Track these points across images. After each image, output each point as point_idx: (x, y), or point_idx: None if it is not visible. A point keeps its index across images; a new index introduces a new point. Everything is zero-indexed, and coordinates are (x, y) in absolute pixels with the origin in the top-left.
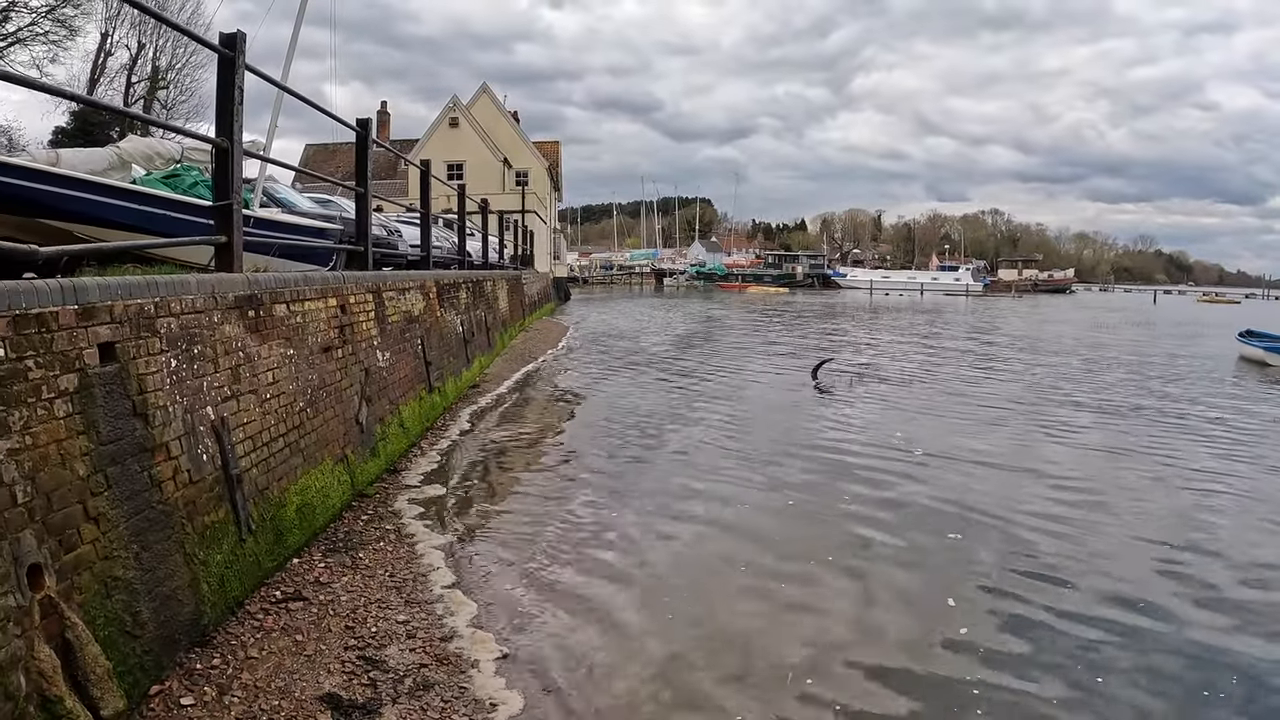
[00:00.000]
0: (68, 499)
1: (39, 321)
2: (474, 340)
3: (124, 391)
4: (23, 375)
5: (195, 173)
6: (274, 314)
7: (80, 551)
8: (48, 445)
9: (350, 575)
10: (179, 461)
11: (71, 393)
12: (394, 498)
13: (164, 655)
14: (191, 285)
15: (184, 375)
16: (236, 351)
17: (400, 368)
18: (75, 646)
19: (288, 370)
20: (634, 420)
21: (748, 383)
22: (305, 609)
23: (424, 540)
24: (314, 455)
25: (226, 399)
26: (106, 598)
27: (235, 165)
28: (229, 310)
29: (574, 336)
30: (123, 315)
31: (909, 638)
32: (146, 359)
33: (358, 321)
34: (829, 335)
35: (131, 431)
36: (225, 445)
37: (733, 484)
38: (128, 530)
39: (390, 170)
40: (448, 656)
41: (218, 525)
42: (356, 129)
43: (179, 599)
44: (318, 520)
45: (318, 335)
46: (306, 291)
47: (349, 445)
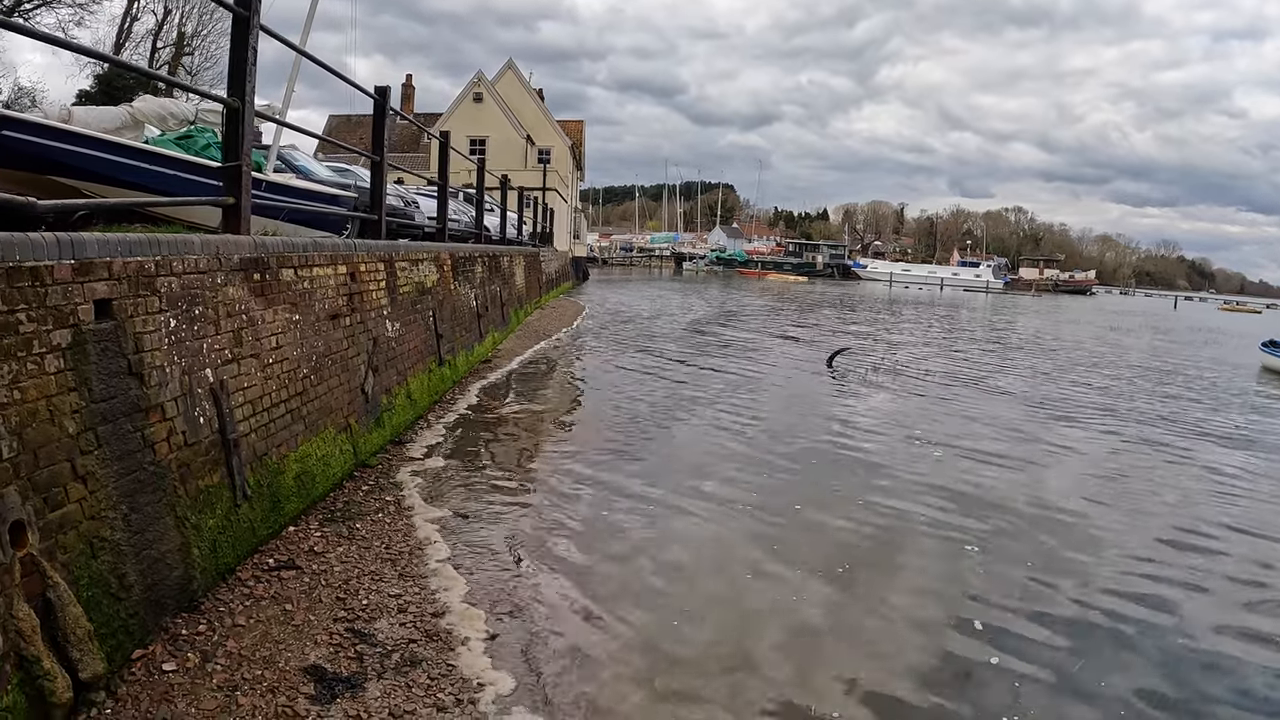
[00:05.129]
0: (55, 456)
1: (33, 275)
2: (488, 315)
3: (119, 350)
4: (13, 329)
5: (209, 134)
6: (281, 278)
7: (66, 510)
8: (36, 401)
9: (346, 546)
10: (174, 423)
11: (64, 349)
12: (396, 469)
13: (149, 619)
14: (195, 245)
15: (183, 336)
16: (240, 314)
17: (410, 339)
18: (56, 606)
19: (292, 336)
20: (645, 402)
21: (763, 369)
22: (297, 578)
23: (422, 513)
24: (316, 423)
25: (227, 362)
26: (92, 558)
27: (246, 126)
28: (233, 272)
29: (590, 316)
30: (121, 272)
31: (915, 642)
32: (144, 318)
33: (367, 290)
34: (847, 325)
35: (125, 391)
36: (223, 409)
37: (741, 472)
38: (117, 491)
39: (413, 144)
40: (438, 633)
41: (212, 490)
42: (374, 96)
43: (168, 562)
44: (317, 489)
45: (325, 302)
46: (315, 257)
47: (353, 414)
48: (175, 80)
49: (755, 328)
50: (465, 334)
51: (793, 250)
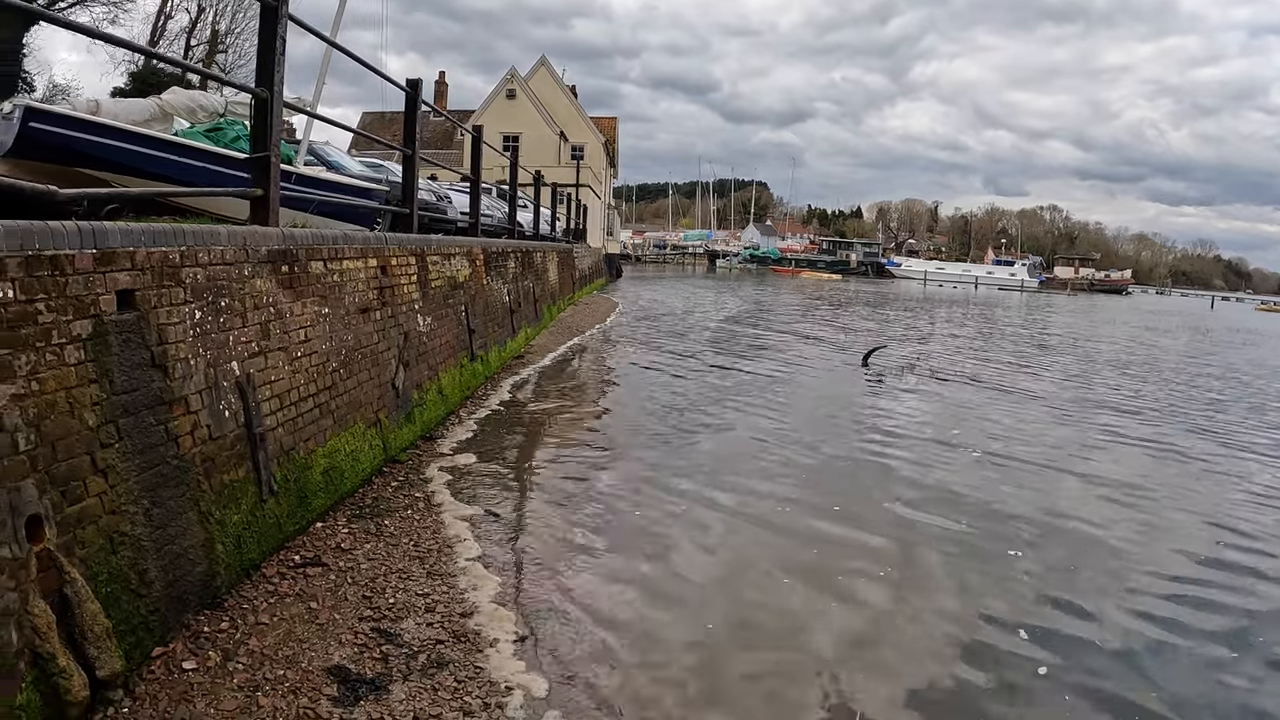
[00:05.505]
0: (74, 449)
1: (53, 264)
2: (520, 311)
3: (142, 341)
4: (32, 318)
5: (239, 126)
6: (310, 271)
7: (85, 504)
8: (56, 392)
9: (374, 543)
10: (198, 417)
11: (85, 339)
12: (426, 465)
13: (170, 616)
14: (221, 236)
15: (209, 328)
16: (267, 307)
17: (442, 334)
18: (73, 603)
19: (321, 329)
20: (678, 400)
21: (797, 367)
22: (323, 575)
23: (452, 510)
24: (345, 418)
25: (254, 355)
26: (111, 553)
27: (274, 116)
28: (261, 264)
29: (623, 312)
30: (145, 263)
31: (959, 650)
32: (168, 309)
33: (399, 284)
34: (881, 323)
35: (148, 383)
36: (249, 402)
37: (776, 471)
38: (138, 485)
39: (446, 140)
40: (466, 634)
41: (237, 484)
42: (405, 89)
43: (190, 558)
44: (345, 484)
45: (355, 295)
46: (346, 250)
47: (383, 409)
48: (205, 70)
49: (789, 325)
50: (498, 329)
51: (826, 248)
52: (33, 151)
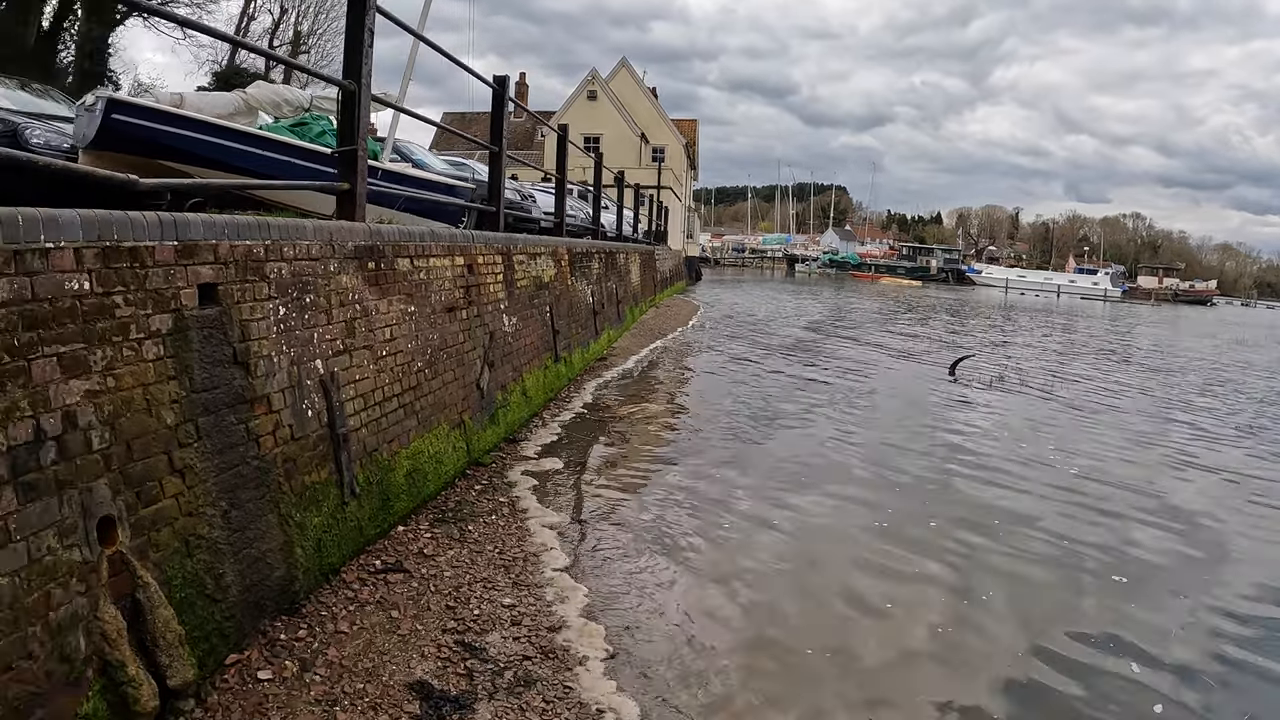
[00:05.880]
0: (151, 449)
1: (132, 256)
2: (604, 312)
3: (224, 337)
4: (109, 312)
5: (324, 121)
6: (396, 268)
7: (161, 506)
8: (132, 389)
9: (457, 549)
10: (280, 416)
11: (164, 335)
12: (510, 468)
13: (246, 622)
14: (307, 230)
15: (293, 325)
16: (353, 304)
17: (526, 334)
18: (145, 608)
19: (407, 328)
20: (764, 407)
21: (882, 375)
22: (405, 582)
23: (537, 517)
24: (430, 419)
25: (338, 353)
26: (187, 557)
27: (362, 109)
28: (347, 260)
29: (705, 316)
30: (228, 256)
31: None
32: (252, 304)
33: (485, 283)
34: (964, 332)
35: (230, 381)
36: (333, 402)
37: (868, 484)
38: (217, 486)
39: (526, 141)
40: (554, 650)
41: (319, 486)
42: (493, 85)
43: (269, 562)
44: (428, 487)
45: (441, 294)
46: (432, 247)
47: (467, 410)
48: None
49: (871, 333)
50: (581, 330)
51: (906, 254)
52: (115, 144)
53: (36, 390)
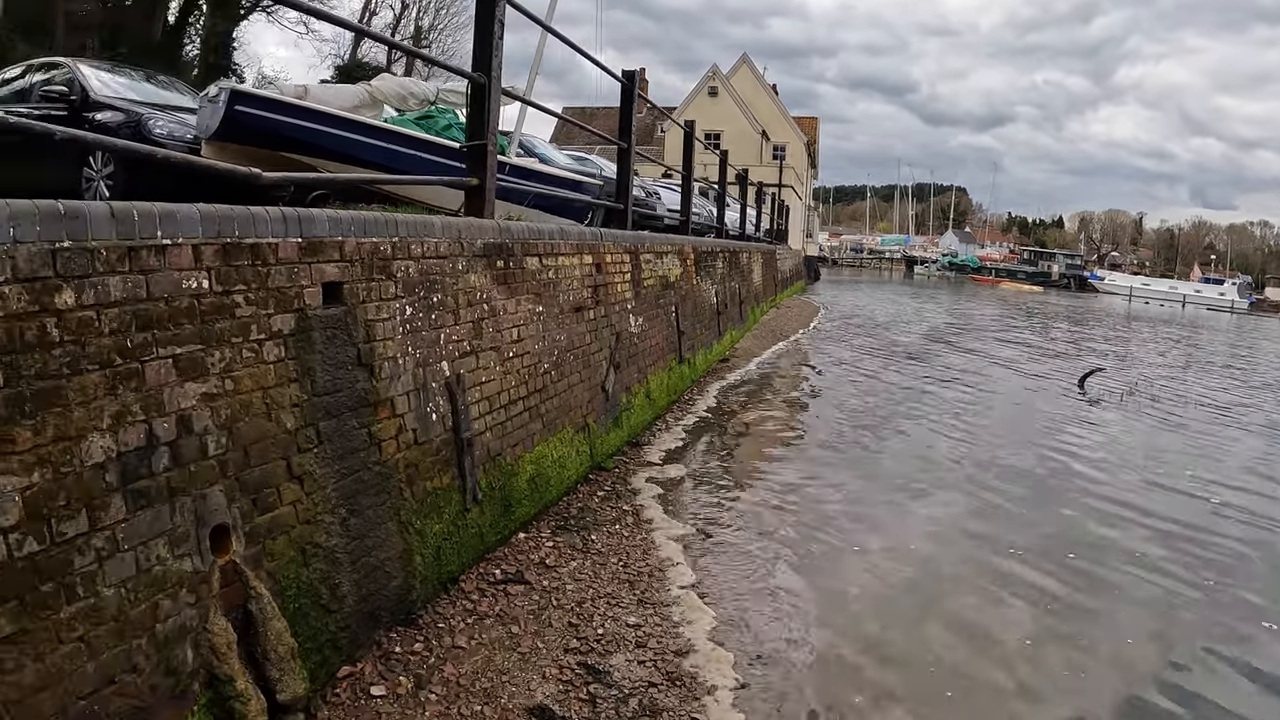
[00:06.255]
0: (269, 454)
1: (253, 253)
2: (727, 312)
3: (348, 338)
4: (228, 312)
5: (450, 115)
6: (525, 266)
7: (277, 513)
8: (251, 392)
9: (580, 560)
10: (404, 420)
11: (286, 335)
12: (634, 474)
13: (361, 633)
14: (436, 227)
15: (419, 325)
16: (481, 304)
17: (652, 335)
18: (257, 620)
19: (535, 328)
20: (885, 416)
21: (1010, 386)
22: (526, 595)
23: (662, 528)
24: (555, 422)
25: (465, 354)
26: (303, 566)
27: (492, 102)
28: (476, 258)
29: (825, 318)
30: (354, 254)
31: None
32: (378, 304)
33: (612, 282)
34: (1088, 341)
35: (353, 383)
36: (458, 405)
37: (1010, 502)
38: (336, 493)
39: (646, 137)
40: (681, 676)
41: (440, 492)
42: (622, 80)
43: (387, 570)
44: (550, 493)
45: (570, 293)
46: (561, 246)
47: (592, 414)
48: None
49: (994, 340)
50: (705, 331)
51: (1026, 258)
52: (238, 135)
53: (150, 393)
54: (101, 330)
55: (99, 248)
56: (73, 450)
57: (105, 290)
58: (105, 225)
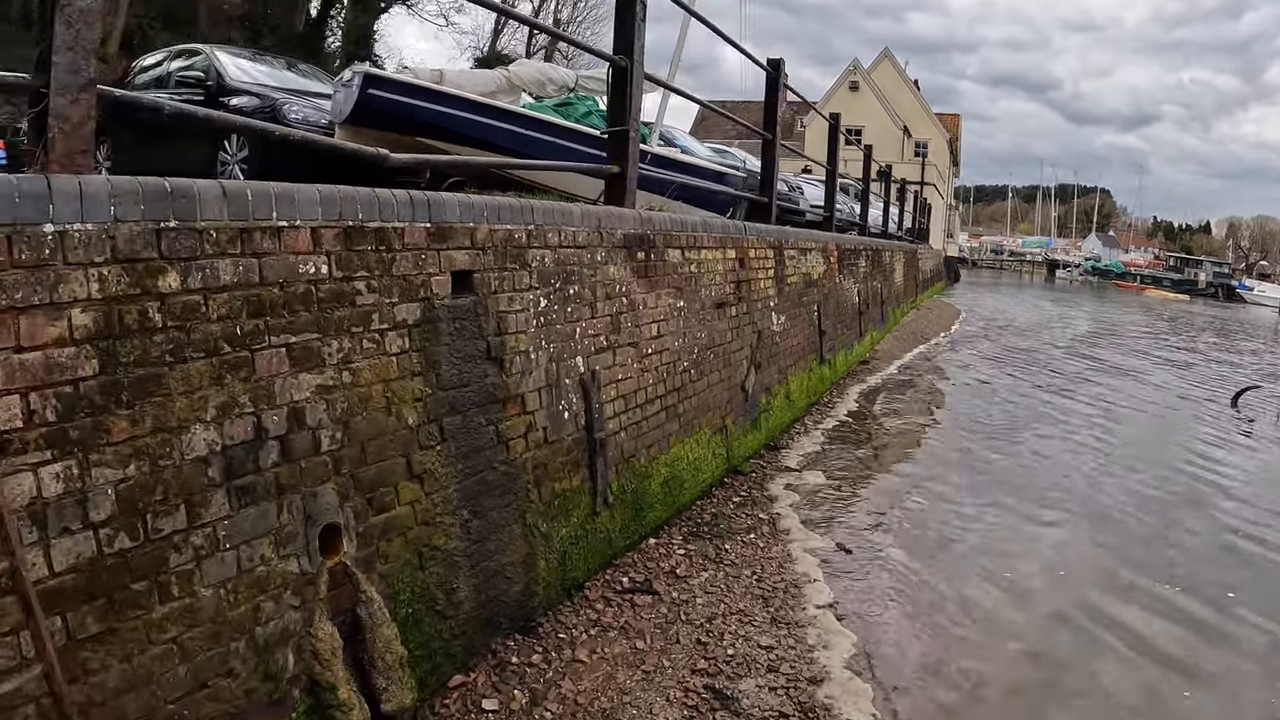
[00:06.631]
0: (387, 451)
1: (378, 237)
2: (868, 312)
3: (478, 330)
4: (349, 299)
5: (590, 102)
6: (666, 259)
7: (394, 514)
8: (371, 385)
9: (712, 571)
10: (534, 417)
11: (411, 326)
12: (770, 480)
13: (476, 640)
14: (574, 216)
15: (554, 318)
16: (619, 297)
17: (794, 334)
18: (366, 626)
19: (675, 324)
20: (1041, 429)
21: (1156, 401)
22: (654, 607)
23: (800, 540)
24: (691, 422)
25: (601, 350)
26: (418, 570)
27: (634, 87)
28: (615, 249)
29: (966, 321)
30: (486, 241)
31: None
32: (510, 295)
33: (755, 278)
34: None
35: (481, 378)
36: (592, 403)
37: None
38: (459, 493)
39: (785, 132)
40: (814, 708)
41: (570, 494)
42: (767, 68)
43: (508, 576)
44: (684, 496)
45: (712, 288)
46: (705, 238)
47: (730, 414)
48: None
49: (1140, 350)
50: (846, 332)
51: (1172, 265)
52: (371, 119)
53: (260, 384)
54: (209, 316)
55: (208, 229)
56: (173, 443)
57: (214, 274)
58: (216, 205)
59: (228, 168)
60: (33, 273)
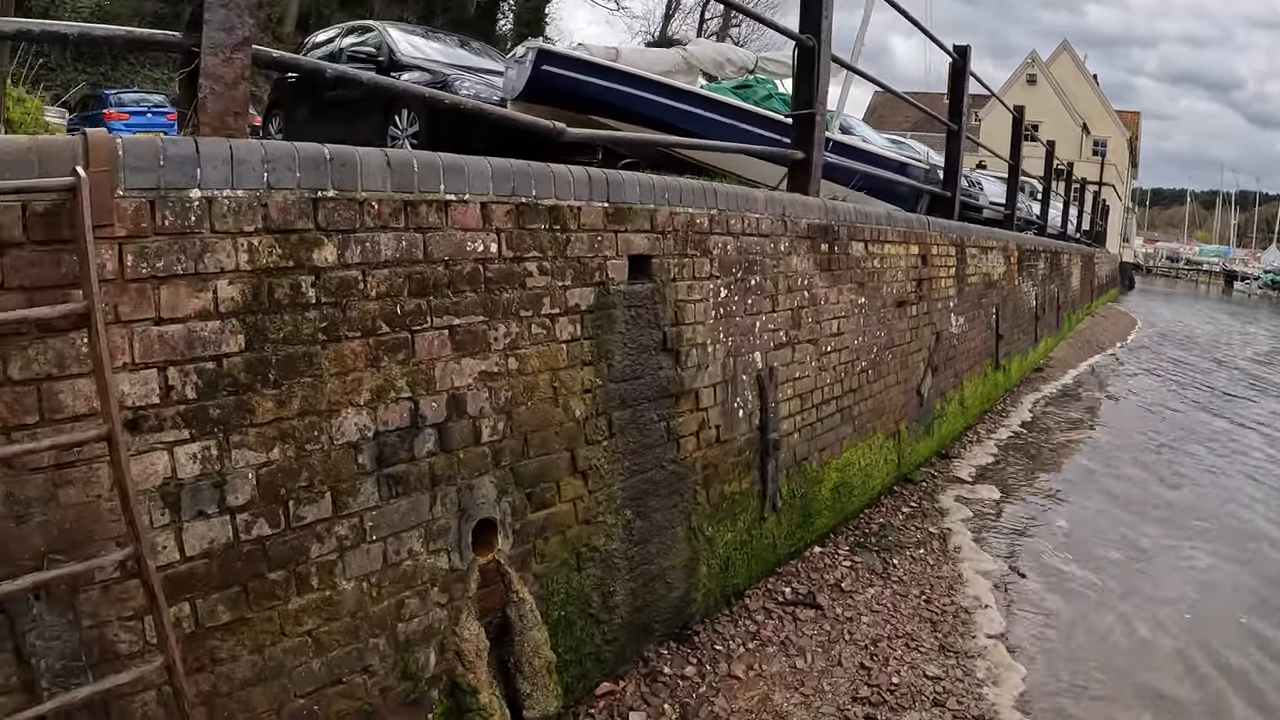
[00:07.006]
0: (551, 444)
1: (551, 216)
2: (1044, 318)
3: (654, 319)
4: (519, 281)
5: (769, 85)
6: (849, 252)
7: (553, 511)
8: (538, 374)
9: (879, 587)
10: (707, 414)
11: (583, 311)
12: (941, 491)
13: (629, 647)
14: (758, 202)
15: (733, 310)
16: (801, 290)
17: (971, 337)
18: (515, 628)
19: (855, 321)
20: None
21: None
22: (816, 623)
23: (971, 560)
24: (865, 426)
25: (780, 346)
26: (575, 571)
27: (821, 68)
28: (799, 239)
29: (1143, 332)
30: (666, 225)
31: None
32: (690, 283)
33: (937, 276)
34: None
35: (655, 370)
36: (768, 401)
37: None
38: (623, 492)
39: None
40: None
41: (738, 497)
42: (953, 55)
43: (667, 580)
44: (852, 504)
45: (893, 285)
46: (888, 232)
47: (904, 419)
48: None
49: None
50: (1022, 337)
51: None
52: (544, 95)
53: (419, 368)
54: (366, 293)
55: (370, 200)
56: (321, 426)
57: (374, 248)
58: (379, 175)
59: (397, 142)
60: (176, 240)
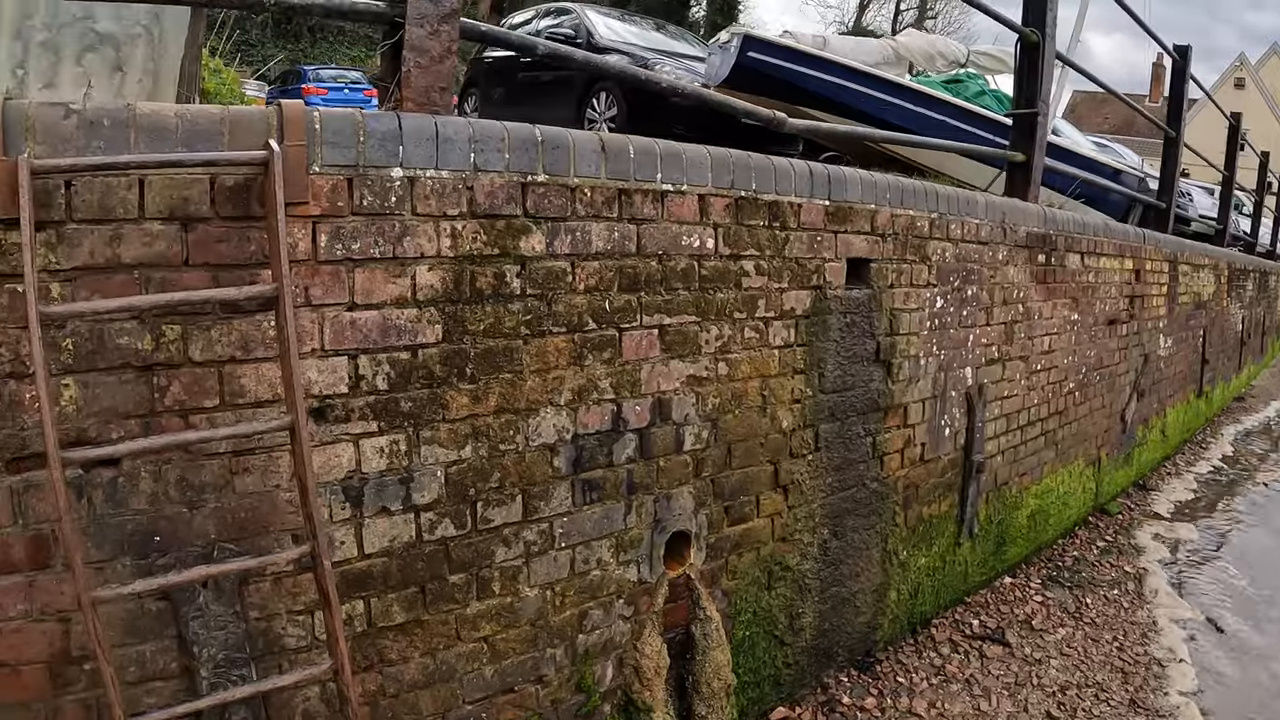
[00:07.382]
0: (755, 456)
1: (771, 212)
2: (1249, 343)
3: (869, 328)
4: (734, 280)
5: (981, 81)
6: (1065, 264)
7: (750, 526)
8: (747, 380)
9: (1070, 628)
10: (914, 431)
11: (798, 316)
12: (1138, 526)
13: (808, 672)
14: (978, 206)
15: (947, 321)
16: (1016, 303)
17: (1177, 361)
18: (698, 646)
19: (1066, 339)
20: None
21: None
22: (1004, 661)
23: (1166, 605)
24: (1068, 451)
25: (991, 361)
26: (765, 589)
27: (1045, 64)
28: (1017, 248)
29: None
30: (886, 227)
31: None
32: (907, 290)
33: (1149, 294)
34: None
35: (866, 382)
36: (975, 420)
37: None
38: (822, 509)
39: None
40: None
41: (935, 520)
42: (1173, 54)
43: (855, 605)
44: (1046, 534)
45: (1106, 302)
46: (1105, 244)
47: (1105, 445)
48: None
49: None
50: (1226, 363)
51: None
52: (748, 83)
53: (624, 368)
54: (574, 286)
55: (582, 186)
56: (518, 425)
57: (585, 238)
58: (593, 160)
59: (595, 125)
60: (374, 221)
